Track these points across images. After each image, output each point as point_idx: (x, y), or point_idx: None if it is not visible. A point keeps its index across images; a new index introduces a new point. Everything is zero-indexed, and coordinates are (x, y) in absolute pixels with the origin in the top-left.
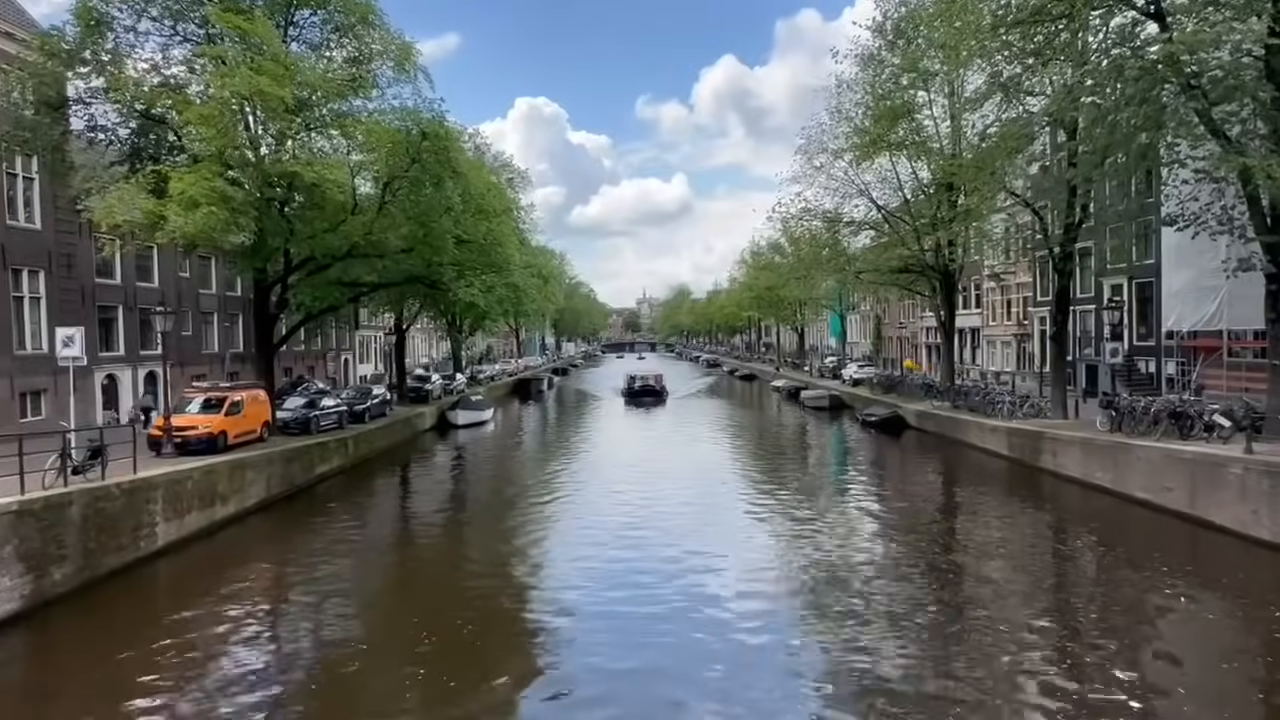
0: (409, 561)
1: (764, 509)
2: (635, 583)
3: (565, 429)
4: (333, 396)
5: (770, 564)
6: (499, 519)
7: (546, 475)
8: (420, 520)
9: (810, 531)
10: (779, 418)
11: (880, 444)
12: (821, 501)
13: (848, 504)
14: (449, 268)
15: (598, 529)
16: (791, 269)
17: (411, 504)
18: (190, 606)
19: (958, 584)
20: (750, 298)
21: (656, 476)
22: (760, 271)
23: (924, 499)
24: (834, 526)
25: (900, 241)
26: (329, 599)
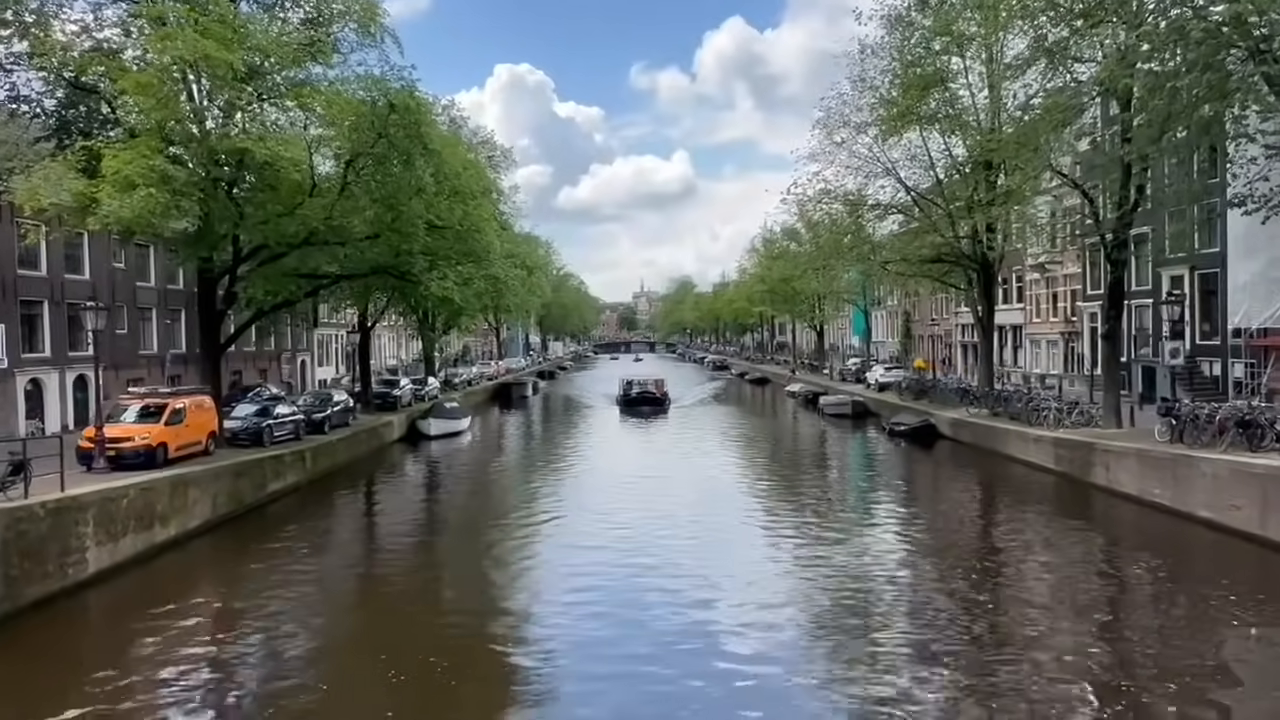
0: (374, 593)
1: (778, 534)
2: (631, 620)
3: (552, 441)
4: (288, 403)
5: (785, 599)
6: (477, 545)
7: (530, 494)
8: (387, 545)
9: (831, 560)
10: (795, 427)
11: (910, 457)
12: (843, 524)
13: (873, 526)
14: (420, 257)
15: (589, 558)
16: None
17: (377, 526)
18: (124, 643)
19: (997, 619)
20: (762, 291)
21: (656, 497)
22: (773, 261)
23: (959, 520)
24: (857, 553)
25: (932, 227)
26: (283, 636)
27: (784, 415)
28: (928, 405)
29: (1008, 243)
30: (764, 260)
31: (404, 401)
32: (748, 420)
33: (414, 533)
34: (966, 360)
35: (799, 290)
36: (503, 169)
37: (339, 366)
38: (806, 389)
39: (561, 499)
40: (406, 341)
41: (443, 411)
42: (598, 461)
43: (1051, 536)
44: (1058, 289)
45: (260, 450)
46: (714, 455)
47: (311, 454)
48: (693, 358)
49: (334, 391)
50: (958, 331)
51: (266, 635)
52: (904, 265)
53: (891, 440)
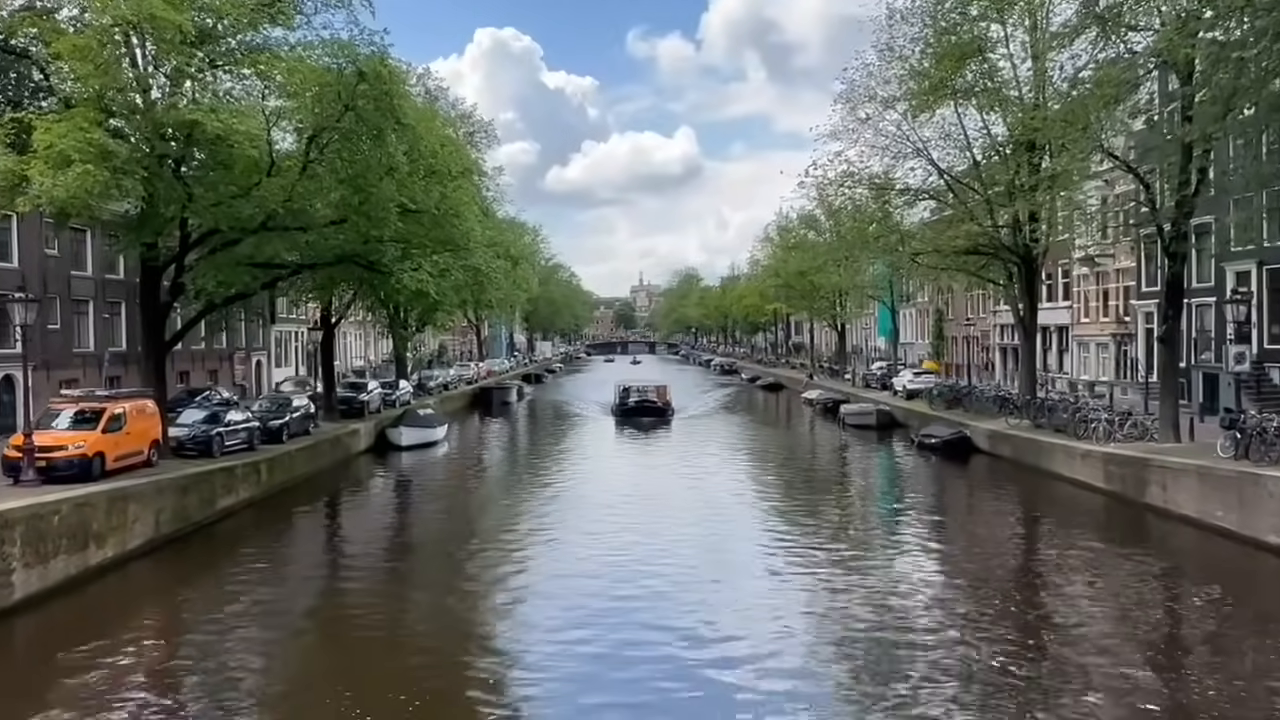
0: (337, 625)
1: (794, 564)
2: (624, 661)
3: (539, 454)
4: (241, 409)
5: (801, 642)
6: (452, 573)
7: (513, 515)
8: (352, 571)
9: (853, 594)
10: (812, 440)
11: (942, 473)
12: (866, 552)
13: (899, 554)
14: (391, 245)
15: (578, 589)
16: (829, 249)
17: (341, 549)
18: (52, 679)
19: (1042, 660)
20: (777, 286)
21: (655, 521)
22: (789, 252)
23: (998, 545)
24: (882, 585)
25: (968, 215)
26: (232, 673)
27: (800, 426)
28: (962, 415)
29: (1053, 233)
30: (779, 251)
31: (372, 407)
32: (759, 431)
33: (382, 557)
34: (1006, 365)
35: (818, 285)
36: (484, 146)
37: (299, 367)
38: (825, 396)
39: (548, 521)
40: (375, 340)
41: (415, 419)
42: (590, 479)
43: (1101, 564)
44: (1109, 286)
45: (209, 461)
46: (720, 472)
47: (267, 466)
48: (698, 360)
49: (293, 396)
50: (996, 333)
51: (213, 672)
52: (936, 257)
53: (921, 455)
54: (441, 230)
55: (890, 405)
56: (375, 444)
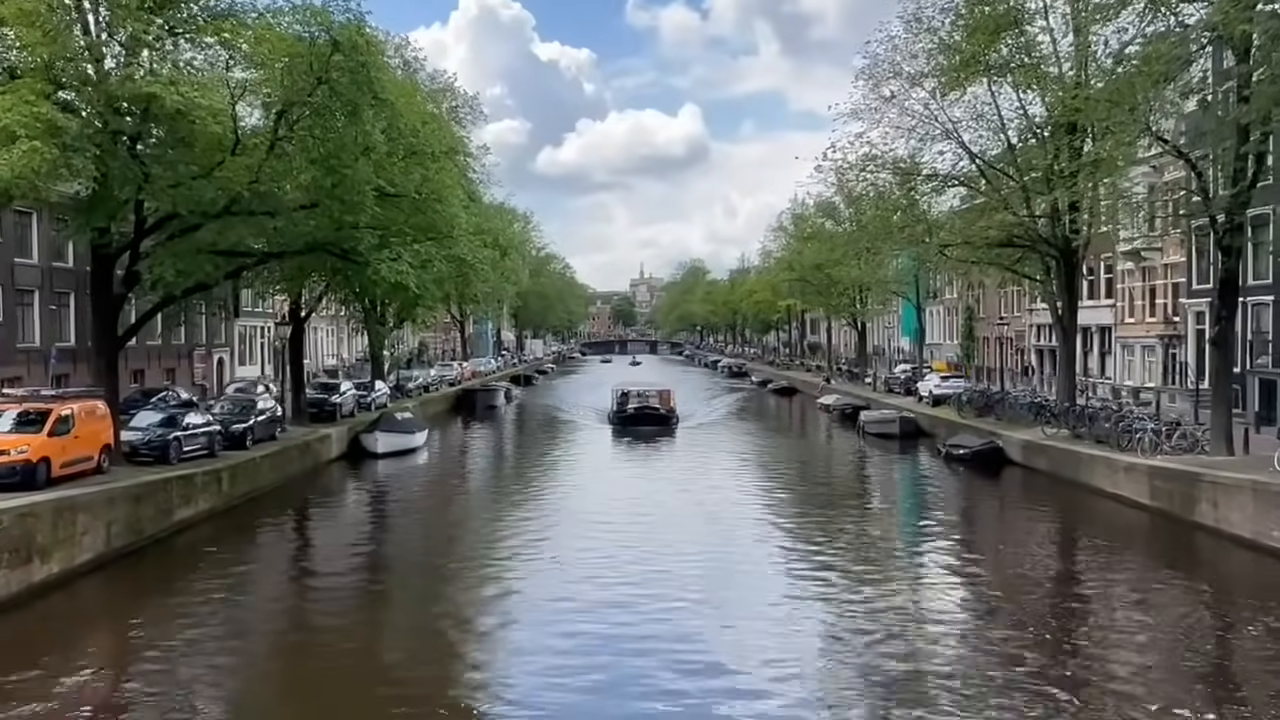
0: (304, 651)
1: (807, 588)
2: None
3: (527, 465)
4: (201, 412)
5: (815, 673)
6: (430, 594)
7: (499, 531)
8: (321, 592)
9: (873, 621)
10: (829, 449)
11: (971, 487)
12: (888, 574)
13: (924, 576)
14: (367, 232)
15: (569, 616)
16: (849, 240)
17: (309, 566)
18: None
19: (1082, 699)
20: (790, 280)
21: (656, 539)
22: (805, 243)
23: (1033, 567)
24: (906, 612)
25: (1002, 203)
26: (189, 702)
27: (815, 434)
28: (994, 424)
29: (1095, 224)
30: (793, 242)
31: (345, 410)
32: (770, 440)
33: (353, 576)
34: (1042, 368)
35: (836, 279)
36: (470, 124)
37: (265, 366)
38: (843, 401)
39: (537, 539)
40: (349, 337)
41: (393, 423)
42: (583, 493)
43: (1146, 589)
44: (1156, 282)
45: (166, 469)
46: (726, 486)
47: (229, 474)
48: (703, 361)
49: (258, 397)
50: (1031, 333)
51: (165, 704)
52: (966, 250)
53: (949, 466)
54: (423, 216)
55: (914, 412)
56: (348, 450)
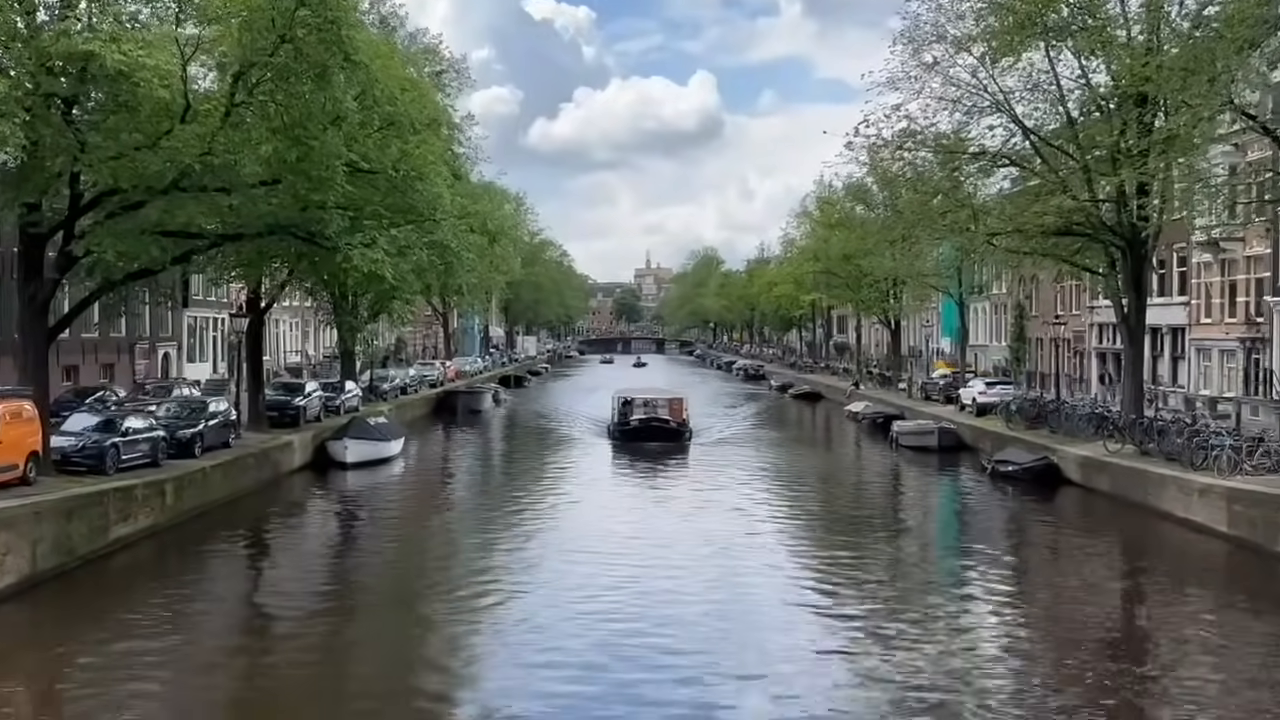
0: (255, 692)
1: (832, 627)
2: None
3: (516, 480)
4: (143, 415)
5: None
6: (404, 629)
7: (482, 557)
8: (277, 622)
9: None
10: (857, 464)
11: (1021, 509)
12: (925, 612)
13: (966, 614)
14: (337, 213)
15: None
16: (883, 227)
17: (264, 592)
18: None
19: None
20: (815, 272)
21: (661, 571)
22: (832, 230)
23: (1091, 603)
24: (945, 659)
25: (1060, 186)
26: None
27: (842, 447)
28: (1048, 437)
29: (1167, 210)
30: (819, 229)
31: (310, 414)
32: (791, 454)
33: (315, 606)
34: (1104, 374)
35: (867, 272)
36: (455, 91)
37: (219, 364)
38: (874, 410)
39: (526, 568)
40: (316, 331)
41: (364, 429)
42: (579, 520)
43: (1224, 630)
44: (1237, 277)
45: (102, 480)
46: (741, 511)
47: (175, 486)
48: (716, 362)
49: (211, 399)
50: (1092, 334)
51: None
52: (1018, 239)
53: (995, 485)
54: (400, 196)
55: (956, 422)
56: (313, 460)
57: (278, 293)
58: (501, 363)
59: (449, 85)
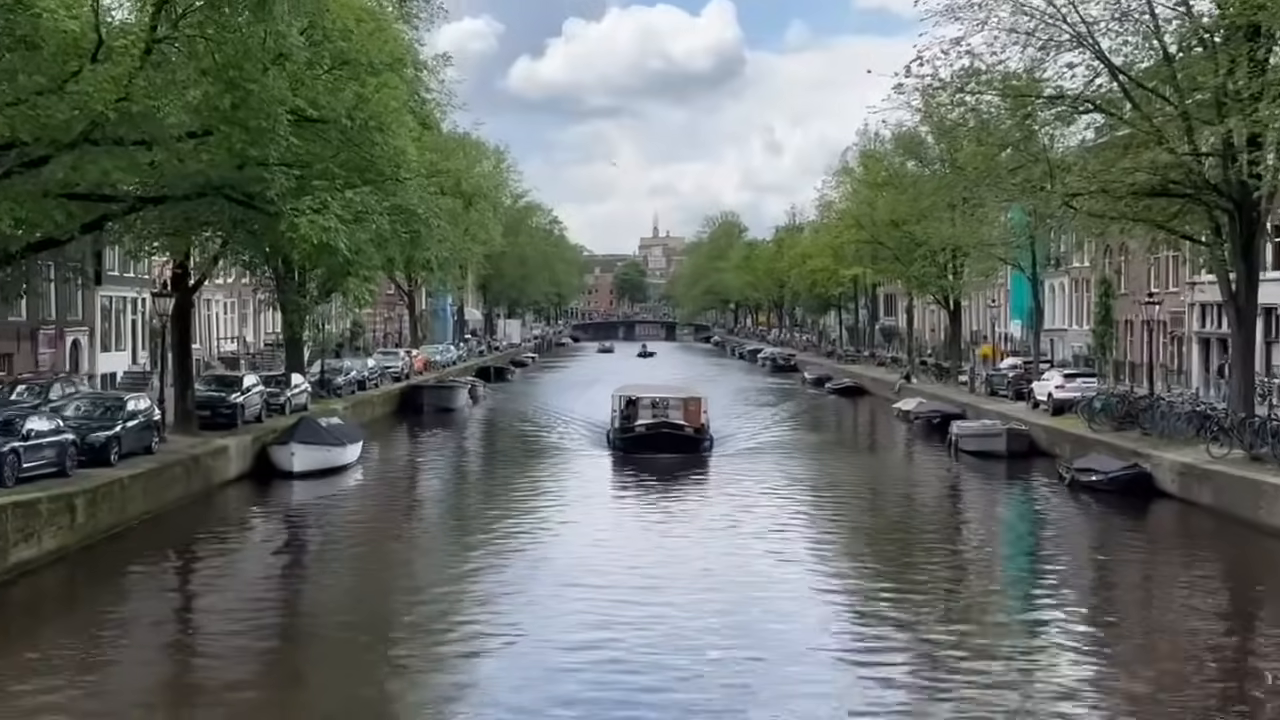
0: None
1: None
2: None
3: (495, 495)
4: (46, 416)
5: None
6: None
7: (450, 594)
8: (212, 665)
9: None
10: (908, 472)
11: (1106, 527)
12: (991, 660)
13: (1042, 663)
14: (281, 172)
15: None
16: (940, 187)
17: (192, 628)
18: None
19: None
20: (859, 241)
21: (673, 612)
22: (878, 192)
23: (1194, 641)
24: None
25: (1155, 136)
26: None
27: (890, 453)
28: (1139, 440)
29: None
30: (862, 189)
31: (249, 414)
32: (830, 460)
33: (256, 644)
34: (1207, 364)
35: (920, 241)
36: (424, 25)
37: (139, 353)
38: (929, 407)
39: (507, 605)
40: (256, 314)
41: (314, 432)
42: (572, 545)
43: None
44: None
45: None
46: (773, 533)
47: (87, 500)
48: (739, 350)
49: (130, 396)
50: (1193, 316)
51: None
52: (1103, 201)
53: (1075, 498)
54: (357, 151)
55: (1027, 422)
56: (253, 468)
57: (209, 267)
58: (479, 351)
59: (416, 16)
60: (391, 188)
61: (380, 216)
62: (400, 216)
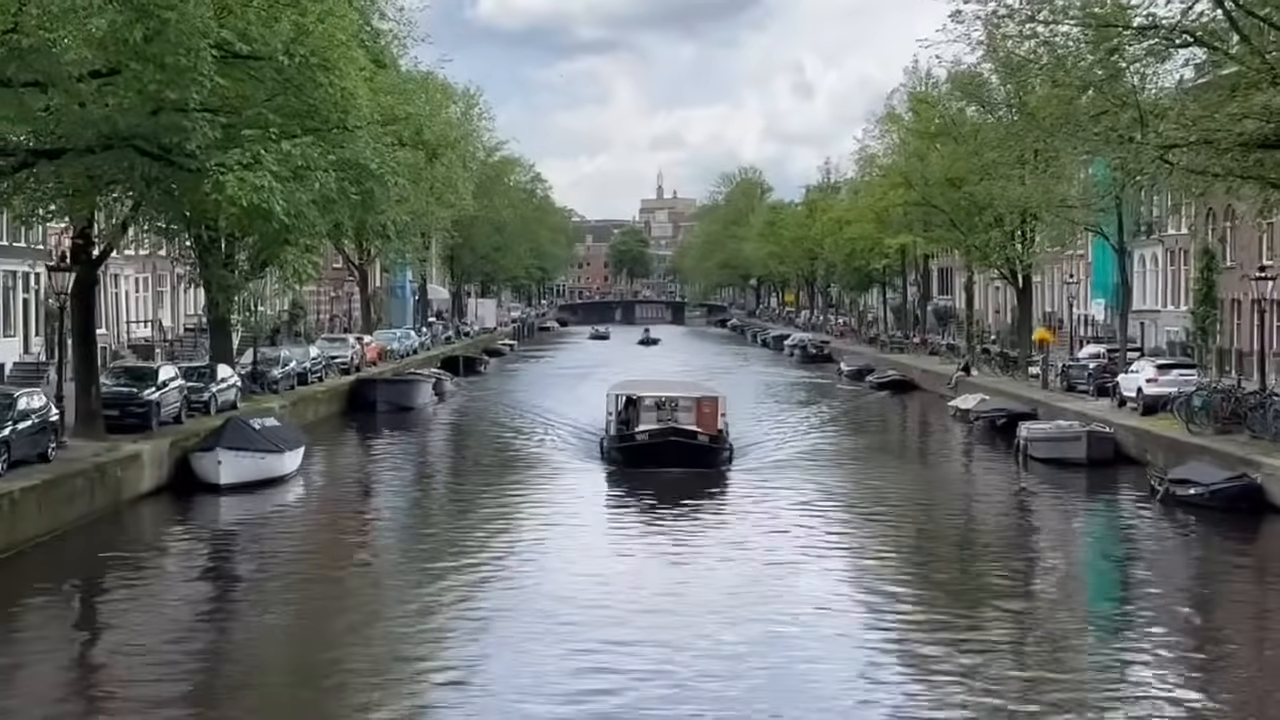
0: None
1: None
2: None
3: (462, 515)
4: None
5: None
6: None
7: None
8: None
9: None
10: (967, 484)
11: (1208, 550)
12: (1070, 703)
13: (1137, 705)
14: (204, 119)
15: None
16: (1006, 137)
17: (100, 677)
18: None
19: None
20: (907, 204)
21: (681, 675)
22: (932, 143)
23: None
24: None
25: (1268, 75)
26: None
27: (946, 460)
28: (1249, 445)
29: None
30: (912, 140)
31: (166, 413)
32: (870, 470)
33: (173, 694)
34: None
35: (983, 203)
36: None
37: (31, 340)
38: (992, 406)
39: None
40: (174, 292)
41: (245, 436)
42: (558, 580)
43: None
44: None
45: None
46: (809, 564)
47: None
48: (762, 336)
49: (19, 391)
50: None
51: None
52: (1205, 153)
53: (1170, 514)
54: (296, 94)
55: (1112, 423)
56: (172, 479)
57: (117, 236)
58: (445, 338)
59: None
60: (338, 138)
61: (325, 173)
62: (349, 173)
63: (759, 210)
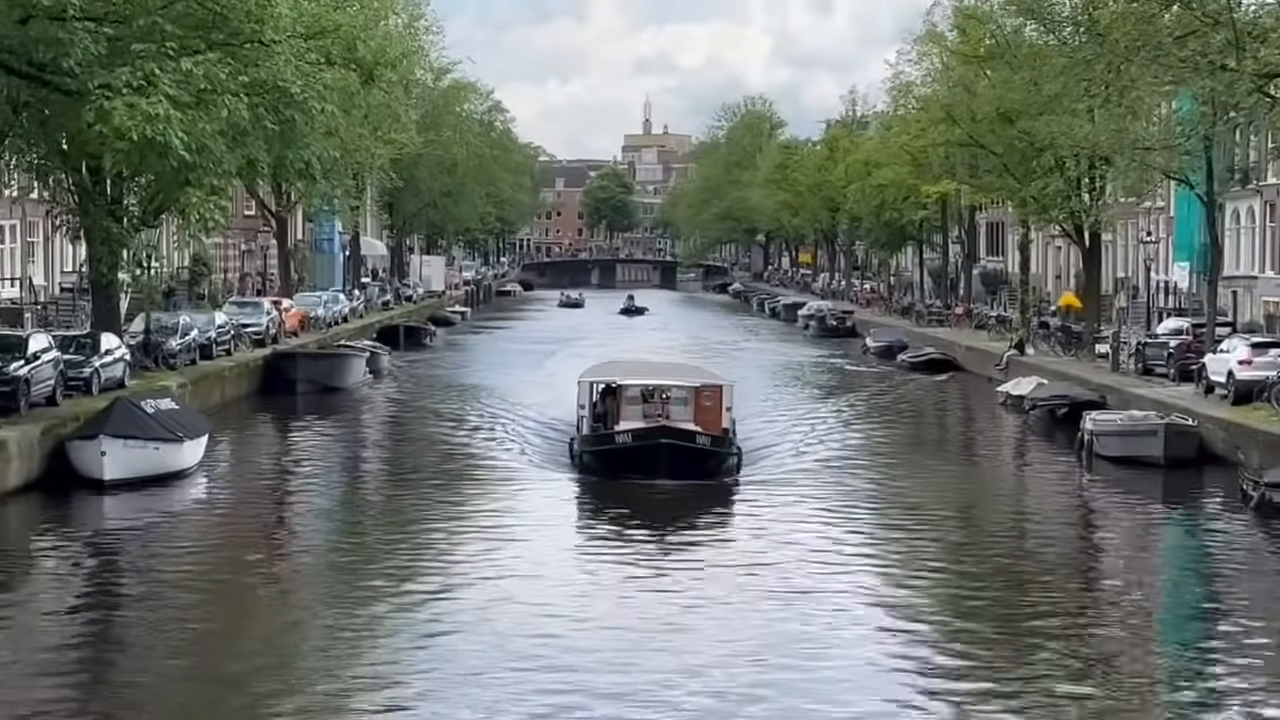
0: None
1: None
2: None
3: (397, 528)
4: None
5: None
6: None
7: (347, 660)
8: None
9: None
10: (1023, 486)
11: None
12: None
13: None
14: (84, 30)
15: None
16: (1071, 63)
17: None
18: None
19: None
20: (951, 144)
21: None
22: (978, 69)
23: None
24: None
25: None
26: None
27: (997, 457)
28: None
29: None
30: (956, 66)
31: (38, 393)
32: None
33: None
34: None
35: (1041, 144)
36: None
37: None
38: (1050, 392)
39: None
40: (48, 245)
41: (136, 421)
42: (519, 610)
43: None
44: None
45: None
46: (829, 585)
47: None
48: (771, 305)
49: None
50: None
51: None
52: None
53: (1265, 524)
54: (198, 2)
55: (1196, 413)
56: (45, 473)
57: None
58: (383, 303)
59: None
60: (252, 54)
61: (235, 98)
62: (265, 98)
63: (768, 150)
